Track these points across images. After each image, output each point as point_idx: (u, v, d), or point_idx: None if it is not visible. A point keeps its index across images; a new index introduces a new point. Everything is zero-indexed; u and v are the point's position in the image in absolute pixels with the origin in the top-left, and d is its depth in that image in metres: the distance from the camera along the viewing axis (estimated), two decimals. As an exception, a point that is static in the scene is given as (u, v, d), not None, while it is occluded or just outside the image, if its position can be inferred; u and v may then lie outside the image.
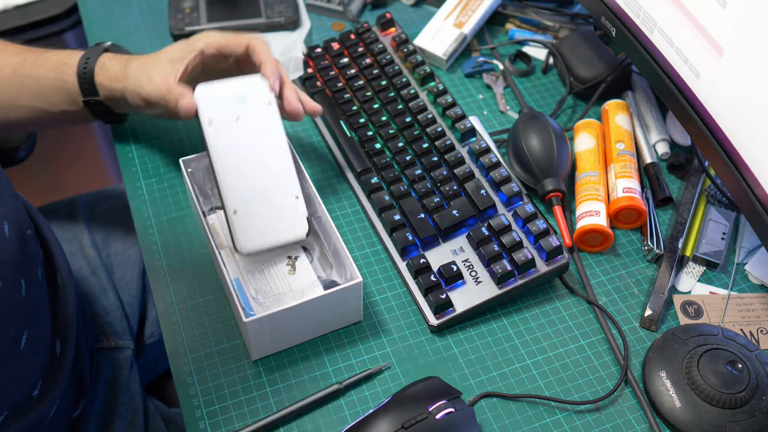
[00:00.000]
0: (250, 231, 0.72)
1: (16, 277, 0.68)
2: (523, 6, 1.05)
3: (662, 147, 0.89)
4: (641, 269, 0.79)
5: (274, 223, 0.73)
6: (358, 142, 0.85)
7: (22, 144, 1.04)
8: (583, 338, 0.74)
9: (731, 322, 0.75)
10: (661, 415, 0.68)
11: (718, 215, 0.83)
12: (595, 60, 0.94)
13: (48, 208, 1.03)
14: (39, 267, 0.74)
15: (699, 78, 0.71)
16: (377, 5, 1.08)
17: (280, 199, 0.73)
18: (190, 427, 0.66)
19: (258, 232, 0.72)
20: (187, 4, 1.04)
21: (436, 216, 0.77)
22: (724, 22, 0.65)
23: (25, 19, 1.18)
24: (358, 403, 0.68)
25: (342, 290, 0.68)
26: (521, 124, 0.85)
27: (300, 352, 0.72)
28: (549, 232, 0.76)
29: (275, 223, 0.73)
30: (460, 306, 0.73)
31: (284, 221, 0.73)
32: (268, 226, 0.72)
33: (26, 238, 0.71)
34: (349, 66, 0.92)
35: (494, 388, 0.70)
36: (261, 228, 0.72)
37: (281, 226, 0.73)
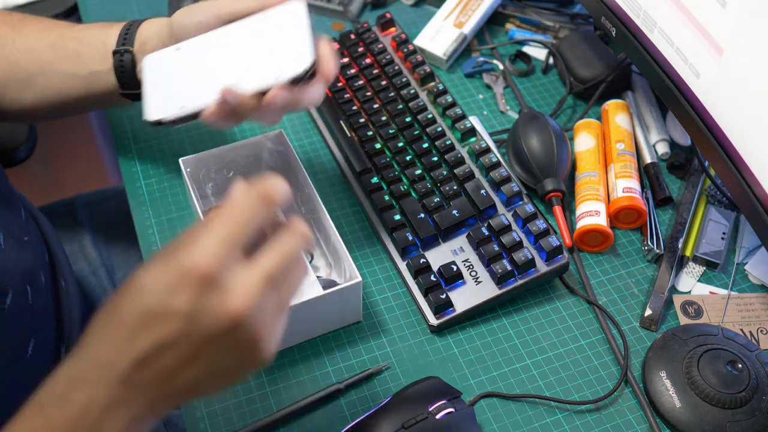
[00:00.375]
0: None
1: (23, 285, 0.68)
2: (523, 6, 1.05)
3: (662, 147, 0.89)
4: (641, 269, 0.79)
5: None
6: (358, 142, 0.85)
7: (22, 144, 1.04)
8: (583, 338, 0.74)
9: (731, 322, 0.75)
10: (661, 415, 0.68)
11: (718, 215, 0.83)
12: (595, 60, 0.94)
13: (48, 208, 1.03)
14: (42, 272, 0.74)
15: (699, 78, 0.71)
16: (377, 5, 1.08)
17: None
18: (190, 428, 0.66)
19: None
20: (186, 4, 1.04)
21: (436, 216, 0.77)
22: (724, 22, 0.65)
23: (25, 19, 1.18)
24: (358, 403, 0.68)
25: (342, 290, 0.68)
26: (521, 124, 0.85)
27: (300, 352, 0.72)
28: (549, 232, 0.76)
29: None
30: (460, 306, 0.73)
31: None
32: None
33: (23, 244, 0.71)
34: (349, 66, 0.92)
35: (494, 388, 0.70)
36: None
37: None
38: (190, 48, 0.68)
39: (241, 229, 0.46)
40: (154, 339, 0.45)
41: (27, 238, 0.73)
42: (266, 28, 0.65)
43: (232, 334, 0.45)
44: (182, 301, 0.45)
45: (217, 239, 0.45)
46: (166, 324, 0.45)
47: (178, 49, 0.68)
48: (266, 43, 0.65)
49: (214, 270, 0.45)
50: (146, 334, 0.45)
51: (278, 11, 0.66)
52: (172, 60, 0.68)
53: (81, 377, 0.47)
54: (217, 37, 0.67)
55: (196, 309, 0.45)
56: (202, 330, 0.45)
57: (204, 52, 0.67)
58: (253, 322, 0.46)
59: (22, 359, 0.66)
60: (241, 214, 0.47)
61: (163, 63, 0.68)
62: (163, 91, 0.66)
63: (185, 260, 0.45)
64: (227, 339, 0.45)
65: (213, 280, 0.45)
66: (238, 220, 0.46)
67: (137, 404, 0.47)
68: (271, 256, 0.47)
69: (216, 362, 0.46)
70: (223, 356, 0.46)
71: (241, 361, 0.47)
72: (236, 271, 0.46)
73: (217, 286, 0.45)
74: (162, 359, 0.45)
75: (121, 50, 0.72)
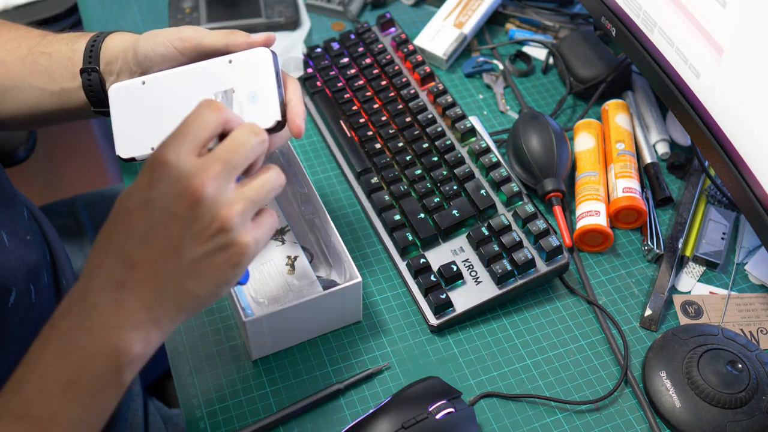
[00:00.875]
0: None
1: (26, 283, 0.68)
2: (523, 6, 1.05)
3: (662, 147, 0.89)
4: (641, 269, 0.79)
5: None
6: (358, 142, 0.85)
7: (22, 144, 1.04)
8: (583, 338, 0.74)
9: (731, 322, 0.75)
10: (661, 415, 0.68)
11: (718, 215, 0.83)
12: (595, 60, 0.94)
13: (48, 208, 1.03)
14: (44, 272, 0.74)
15: (699, 78, 0.71)
16: (377, 5, 1.08)
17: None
18: (190, 427, 0.66)
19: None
20: (187, 4, 1.04)
21: (436, 216, 0.77)
22: (724, 22, 0.65)
23: (25, 19, 1.18)
24: (358, 403, 0.68)
25: (342, 290, 0.68)
26: (521, 124, 0.85)
27: (300, 352, 0.72)
28: (549, 232, 0.76)
29: None
30: (460, 306, 0.73)
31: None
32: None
33: (27, 244, 0.71)
34: (349, 66, 0.92)
35: (494, 388, 0.70)
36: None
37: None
38: (156, 84, 0.67)
39: (236, 155, 0.53)
40: (133, 234, 0.51)
41: (30, 237, 0.73)
42: (233, 75, 0.64)
43: (197, 213, 0.51)
44: (148, 191, 0.51)
45: (173, 137, 0.53)
46: (139, 217, 0.51)
47: (144, 83, 0.67)
48: (235, 92, 0.64)
49: (171, 158, 0.51)
50: (125, 232, 0.52)
51: (244, 57, 0.64)
52: (139, 94, 0.67)
53: (80, 290, 0.52)
54: (184, 77, 0.66)
55: (159, 193, 0.51)
56: (167, 211, 0.51)
57: (171, 91, 0.66)
58: (215, 198, 0.51)
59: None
60: (238, 143, 0.54)
61: (130, 96, 0.68)
62: (132, 127, 0.67)
63: (151, 157, 0.52)
64: (194, 221, 0.51)
65: (170, 165, 0.51)
66: (235, 146, 0.53)
67: (134, 307, 0.51)
68: (256, 183, 0.54)
69: (195, 250, 0.51)
70: (198, 242, 0.51)
71: (216, 248, 0.52)
72: (194, 158, 0.52)
73: (175, 169, 0.51)
74: (144, 252, 0.51)
75: (88, 69, 0.71)
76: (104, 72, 0.72)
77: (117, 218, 0.52)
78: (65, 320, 0.52)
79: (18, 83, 0.74)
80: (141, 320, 0.51)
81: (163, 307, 0.52)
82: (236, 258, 0.53)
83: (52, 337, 0.51)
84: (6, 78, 0.74)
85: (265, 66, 0.64)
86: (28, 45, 0.74)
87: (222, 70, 0.64)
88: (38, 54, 0.74)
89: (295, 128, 0.63)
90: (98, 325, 0.51)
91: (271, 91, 0.63)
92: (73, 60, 0.72)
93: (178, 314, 0.53)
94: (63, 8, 1.20)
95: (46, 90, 0.73)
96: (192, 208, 0.51)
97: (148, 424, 0.87)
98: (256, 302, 0.72)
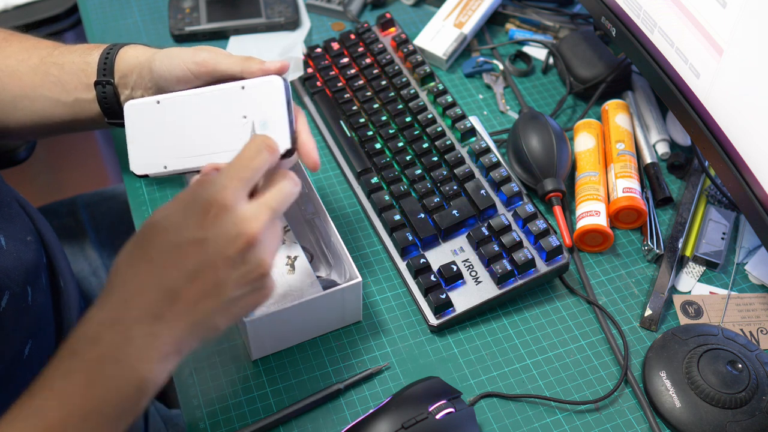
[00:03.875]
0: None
1: (22, 285, 0.68)
2: (523, 6, 1.05)
3: (662, 147, 0.89)
4: (641, 269, 0.79)
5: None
6: (358, 142, 0.85)
7: (22, 144, 1.04)
8: (583, 338, 0.74)
9: (731, 322, 0.75)
10: (661, 415, 0.68)
11: (718, 215, 0.83)
12: (595, 60, 0.94)
13: (48, 208, 1.03)
14: (43, 273, 0.73)
15: (699, 78, 0.71)
16: (377, 5, 1.08)
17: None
18: (190, 427, 0.66)
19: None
20: (187, 4, 1.04)
21: (436, 216, 0.77)
22: (724, 22, 0.65)
23: (25, 19, 1.18)
24: (358, 403, 0.68)
25: (342, 290, 0.68)
26: (521, 124, 0.85)
27: (300, 352, 0.72)
28: (549, 232, 0.76)
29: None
30: (460, 306, 0.73)
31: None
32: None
33: (26, 245, 0.71)
34: (349, 66, 0.92)
35: (494, 388, 0.70)
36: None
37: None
38: (171, 104, 0.68)
39: (249, 170, 0.55)
40: (182, 270, 0.52)
41: (30, 238, 0.73)
42: (246, 101, 0.66)
43: (246, 258, 0.53)
44: (203, 231, 0.52)
45: (231, 178, 0.54)
46: (191, 254, 0.52)
47: (158, 102, 0.69)
48: (247, 117, 0.66)
49: (230, 201, 0.53)
50: (174, 267, 0.52)
51: (258, 84, 0.66)
52: (154, 113, 0.69)
53: (111, 318, 0.52)
54: (198, 100, 0.68)
55: (215, 235, 0.52)
56: (222, 254, 0.52)
57: (185, 112, 0.68)
58: (263, 244, 0.54)
59: (19, 360, 0.66)
60: (249, 158, 0.56)
61: (144, 114, 0.69)
62: (146, 145, 0.69)
63: (204, 195, 0.53)
64: (242, 264, 0.53)
65: (229, 209, 0.53)
66: (247, 163, 0.56)
67: (167, 340, 0.52)
68: (274, 193, 0.56)
69: (234, 291, 0.53)
70: (240, 284, 0.53)
71: (253, 293, 0.55)
72: (247, 202, 0.54)
73: (233, 213, 0.53)
74: (190, 290, 0.52)
75: (103, 82, 0.72)
76: (119, 84, 0.73)
77: (164, 251, 0.52)
78: (93, 348, 0.51)
79: (29, 93, 0.74)
80: (169, 352, 0.52)
81: (191, 341, 0.53)
82: (263, 299, 0.56)
83: (77, 364, 0.51)
84: (17, 88, 0.74)
85: (277, 94, 0.65)
86: (40, 55, 0.74)
87: (235, 96, 0.66)
88: (50, 65, 0.74)
89: (312, 163, 0.65)
90: (130, 357, 0.51)
91: (282, 120, 0.64)
92: (86, 72, 0.73)
93: (197, 344, 0.54)
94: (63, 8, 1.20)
95: (59, 101, 0.74)
96: (243, 252, 0.53)
97: (148, 424, 0.87)
98: (256, 302, 0.72)
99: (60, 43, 0.77)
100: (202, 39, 1.01)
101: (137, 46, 0.74)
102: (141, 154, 0.69)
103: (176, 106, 0.68)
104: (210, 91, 0.68)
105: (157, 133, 0.69)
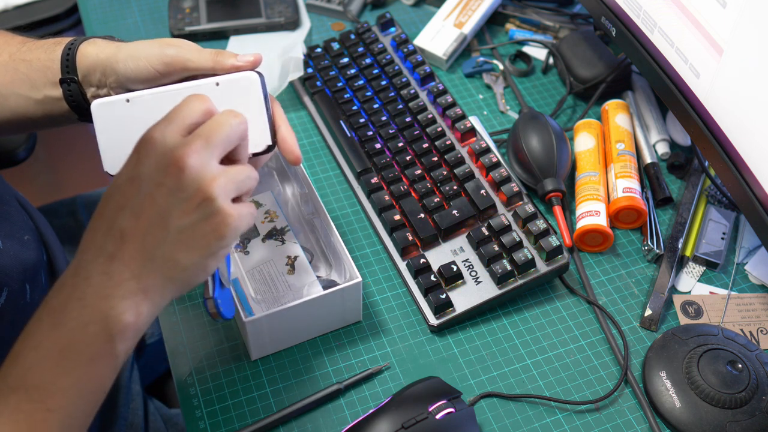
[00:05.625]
0: None
1: (21, 283, 0.68)
2: (523, 6, 1.05)
3: (662, 147, 0.89)
4: (641, 269, 0.79)
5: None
6: (358, 142, 0.85)
7: (22, 144, 1.04)
8: (583, 338, 0.74)
9: (731, 322, 0.75)
10: (661, 415, 0.68)
11: (718, 215, 0.83)
12: (595, 60, 0.94)
13: (48, 208, 1.03)
14: (42, 271, 0.73)
15: (699, 78, 0.71)
16: (377, 5, 1.08)
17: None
18: (190, 427, 0.66)
19: None
20: (187, 4, 1.04)
21: (436, 216, 0.77)
22: (724, 22, 0.65)
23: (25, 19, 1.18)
24: (358, 403, 0.68)
25: (342, 290, 0.68)
26: (521, 124, 0.85)
27: (300, 352, 0.72)
28: (549, 232, 0.76)
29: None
30: (460, 306, 0.73)
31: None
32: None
33: (25, 243, 0.71)
34: (349, 66, 0.92)
35: (494, 388, 0.70)
36: None
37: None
38: (141, 102, 0.66)
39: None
40: (125, 208, 0.53)
41: (29, 237, 0.73)
42: (222, 98, 0.62)
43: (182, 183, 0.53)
44: (137, 168, 0.53)
45: (165, 120, 0.55)
46: (129, 192, 0.53)
47: (128, 101, 0.66)
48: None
49: (157, 135, 0.54)
50: (117, 207, 0.53)
51: (233, 80, 0.64)
52: (123, 112, 0.66)
53: (73, 266, 0.54)
54: (170, 97, 0.64)
55: (147, 167, 0.53)
56: (155, 183, 0.53)
57: (156, 109, 0.63)
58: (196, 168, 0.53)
59: None
60: (220, 126, 0.55)
61: (114, 113, 0.67)
62: (118, 145, 0.66)
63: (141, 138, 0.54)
64: (179, 190, 0.53)
65: (156, 141, 0.53)
66: (219, 129, 0.55)
67: (124, 276, 0.52)
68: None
69: (181, 219, 0.53)
70: (184, 211, 0.53)
71: (203, 216, 0.54)
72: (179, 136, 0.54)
73: (161, 144, 0.53)
74: (136, 225, 0.52)
75: (67, 79, 0.70)
76: (83, 82, 0.71)
77: (108, 196, 0.54)
78: (59, 295, 0.53)
79: (1, 90, 0.73)
80: (131, 290, 0.53)
81: (152, 277, 0.53)
82: (221, 229, 0.54)
83: (46, 311, 0.53)
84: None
85: (254, 90, 0.63)
86: (9, 51, 0.73)
87: (209, 93, 0.61)
88: (19, 61, 0.73)
89: (294, 158, 0.65)
90: (89, 295, 0.52)
91: (260, 116, 0.63)
92: (51, 69, 0.71)
93: (166, 285, 0.54)
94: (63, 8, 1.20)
95: (29, 98, 0.73)
96: (177, 177, 0.53)
97: (148, 424, 0.87)
98: (256, 302, 0.72)
99: (29, 38, 0.76)
100: (202, 39, 1.01)
101: (97, 41, 0.71)
102: (114, 155, 0.67)
103: (147, 104, 0.66)
104: (183, 87, 0.65)
105: (128, 132, 0.64)
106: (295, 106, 0.94)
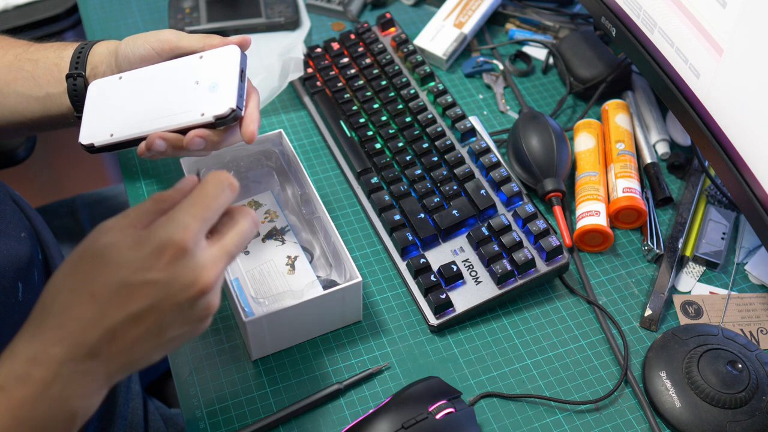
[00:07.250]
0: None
1: (13, 281, 0.68)
2: (523, 6, 1.05)
3: (662, 147, 0.89)
4: (641, 269, 0.79)
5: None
6: (358, 142, 0.85)
7: (22, 144, 1.04)
8: (583, 338, 0.74)
9: (731, 322, 0.75)
10: (661, 415, 0.68)
11: (718, 215, 0.83)
12: (595, 60, 0.94)
13: (48, 208, 1.03)
14: (36, 270, 0.73)
15: (699, 78, 0.71)
16: (377, 5, 1.08)
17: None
18: (190, 427, 0.66)
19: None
20: (187, 4, 1.04)
21: (436, 216, 0.77)
22: (724, 22, 0.65)
23: (25, 19, 1.18)
24: (358, 403, 0.68)
25: (342, 290, 0.68)
26: (521, 124, 0.85)
27: (300, 352, 0.72)
28: (549, 232, 0.76)
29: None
30: (460, 306, 0.73)
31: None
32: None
33: (19, 241, 0.71)
34: (349, 66, 0.92)
35: (494, 388, 0.70)
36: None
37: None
38: (131, 78, 0.71)
39: (212, 211, 0.52)
40: (127, 312, 0.49)
41: (24, 234, 0.73)
42: (201, 68, 0.68)
43: (195, 304, 0.50)
44: (157, 274, 0.49)
45: (191, 217, 0.50)
46: (140, 297, 0.49)
47: (120, 78, 0.71)
48: (198, 83, 0.68)
49: (189, 244, 0.49)
50: (118, 307, 0.49)
51: (215, 52, 0.69)
52: (114, 88, 0.71)
53: (42, 354, 0.48)
54: (157, 72, 0.70)
55: (169, 279, 0.49)
56: (172, 300, 0.49)
57: (142, 84, 0.70)
58: (215, 291, 0.51)
59: None
60: (212, 197, 0.52)
61: (104, 90, 0.71)
62: (99, 117, 0.70)
63: (162, 233, 0.49)
64: (190, 309, 0.50)
65: (188, 253, 0.49)
66: (210, 203, 0.52)
67: (99, 376, 0.49)
68: (234, 237, 0.53)
69: (176, 331, 0.51)
70: (182, 324, 0.51)
71: (193, 329, 0.52)
72: (205, 246, 0.51)
73: (192, 259, 0.50)
74: (132, 331, 0.49)
75: (74, 74, 0.73)
76: (89, 77, 0.74)
77: (110, 289, 0.49)
78: (22, 387, 0.48)
79: (2, 89, 0.75)
80: (101, 386, 0.50)
81: (123, 374, 0.51)
82: (201, 331, 0.53)
83: (5, 402, 0.48)
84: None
85: (231, 61, 0.67)
86: (15, 52, 0.76)
87: (192, 65, 0.69)
88: (24, 60, 0.75)
89: (249, 133, 0.66)
90: (59, 395, 0.48)
91: (232, 82, 0.66)
92: (59, 66, 0.75)
93: (129, 372, 0.52)
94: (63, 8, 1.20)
95: (30, 96, 0.75)
96: (195, 299, 0.50)
97: (148, 424, 0.87)
98: (256, 302, 0.72)
99: (34, 42, 0.79)
100: (202, 39, 1.01)
101: (110, 41, 0.76)
102: (91, 127, 0.70)
103: (137, 78, 0.70)
104: (171, 63, 0.70)
105: (112, 106, 0.70)
106: (295, 106, 0.94)
